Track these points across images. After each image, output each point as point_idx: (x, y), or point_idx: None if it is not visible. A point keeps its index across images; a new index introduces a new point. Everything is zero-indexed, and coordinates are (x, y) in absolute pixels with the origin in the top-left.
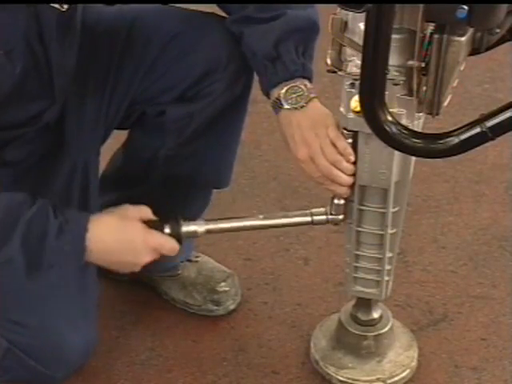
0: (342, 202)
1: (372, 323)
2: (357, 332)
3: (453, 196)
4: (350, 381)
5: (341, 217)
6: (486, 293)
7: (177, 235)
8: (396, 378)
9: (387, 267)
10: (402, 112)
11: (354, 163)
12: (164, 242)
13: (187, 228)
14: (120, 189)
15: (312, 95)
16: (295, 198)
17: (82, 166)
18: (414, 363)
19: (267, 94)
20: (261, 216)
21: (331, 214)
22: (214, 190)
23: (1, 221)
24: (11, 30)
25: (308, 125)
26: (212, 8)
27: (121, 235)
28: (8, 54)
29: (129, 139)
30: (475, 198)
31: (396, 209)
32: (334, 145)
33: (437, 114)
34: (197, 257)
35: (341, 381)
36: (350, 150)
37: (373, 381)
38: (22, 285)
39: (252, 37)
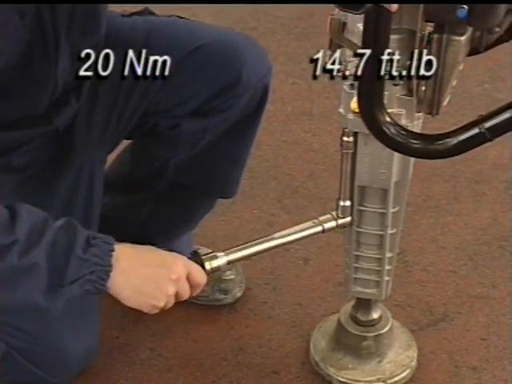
0: (348, 203)
1: (372, 323)
2: (356, 332)
3: (453, 196)
4: (350, 381)
5: (349, 219)
6: (486, 293)
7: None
8: (396, 378)
9: (387, 267)
10: (401, 112)
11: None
12: (193, 263)
13: (210, 265)
14: (122, 192)
15: None
16: (295, 198)
17: (87, 174)
18: (414, 363)
19: None
20: (275, 235)
21: (339, 218)
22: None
23: (30, 226)
24: None
25: None
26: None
27: (149, 248)
28: (22, 19)
29: (138, 147)
30: (475, 197)
31: (396, 209)
32: None
33: (436, 114)
34: (198, 249)
35: (341, 382)
36: None
37: (373, 381)
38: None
39: None
